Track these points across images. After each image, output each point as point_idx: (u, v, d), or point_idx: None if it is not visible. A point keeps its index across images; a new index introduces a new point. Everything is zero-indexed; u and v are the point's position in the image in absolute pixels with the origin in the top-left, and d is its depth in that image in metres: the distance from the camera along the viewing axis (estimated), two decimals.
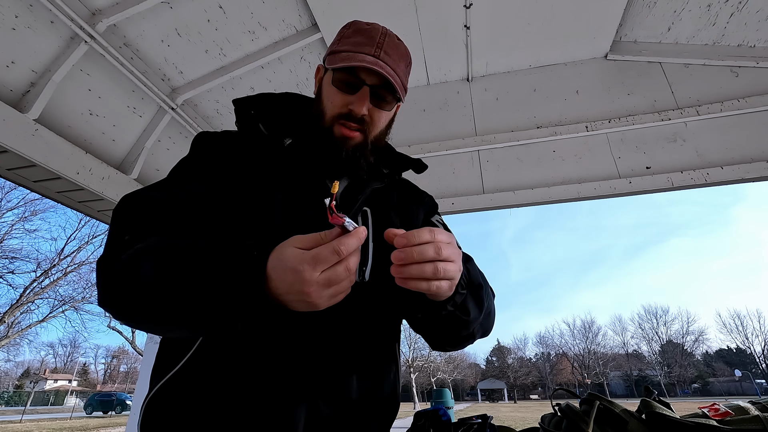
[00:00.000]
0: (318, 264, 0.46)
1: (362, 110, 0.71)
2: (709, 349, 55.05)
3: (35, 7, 1.62)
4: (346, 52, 0.71)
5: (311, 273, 0.46)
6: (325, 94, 0.75)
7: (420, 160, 0.89)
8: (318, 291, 0.47)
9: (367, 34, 0.74)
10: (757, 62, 2.15)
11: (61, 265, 22.20)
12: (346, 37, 0.76)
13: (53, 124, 1.81)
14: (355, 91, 0.71)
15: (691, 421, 0.78)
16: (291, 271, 0.47)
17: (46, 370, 53.77)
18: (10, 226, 21.56)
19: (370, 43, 0.72)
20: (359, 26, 0.77)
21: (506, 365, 59.65)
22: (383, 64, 0.70)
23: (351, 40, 0.74)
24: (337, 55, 0.72)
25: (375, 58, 0.70)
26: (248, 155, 0.74)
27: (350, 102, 0.71)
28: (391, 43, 0.74)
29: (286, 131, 0.78)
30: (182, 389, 0.62)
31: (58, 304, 22.22)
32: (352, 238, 0.48)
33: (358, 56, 0.69)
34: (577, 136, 2.33)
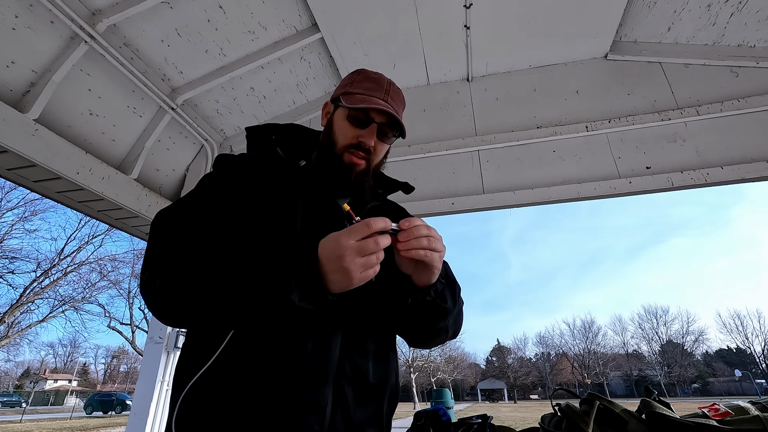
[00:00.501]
0: (353, 234, 0.61)
1: (371, 143, 0.86)
2: (709, 349, 55.05)
3: (35, 7, 1.62)
4: (361, 95, 0.87)
5: (347, 240, 0.60)
6: (338, 127, 0.89)
7: (407, 183, 1.05)
8: (351, 256, 0.60)
9: (377, 82, 0.90)
10: (757, 62, 2.15)
11: (61, 265, 22.19)
12: (358, 82, 0.91)
13: (53, 124, 1.81)
14: (365, 127, 0.86)
15: (691, 421, 0.78)
16: (333, 240, 0.62)
17: (46, 370, 53.75)
18: (10, 226, 21.54)
19: (380, 89, 0.89)
20: (368, 75, 0.93)
21: (506, 365, 59.64)
22: (390, 107, 0.86)
23: (363, 85, 0.89)
24: (353, 97, 0.87)
25: (385, 102, 0.86)
26: (267, 175, 0.87)
27: (361, 135, 0.86)
28: (395, 90, 0.92)
29: (300, 155, 0.93)
30: (217, 382, 0.68)
31: (58, 304, 22.21)
32: (379, 221, 0.63)
33: (372, 99, 0.86)
34: (577, 136, 2.33)
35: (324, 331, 0.73)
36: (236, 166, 0.88)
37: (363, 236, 0.61)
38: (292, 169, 0.90)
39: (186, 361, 0.74)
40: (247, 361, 0.68)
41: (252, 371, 0.68)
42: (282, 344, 0.70)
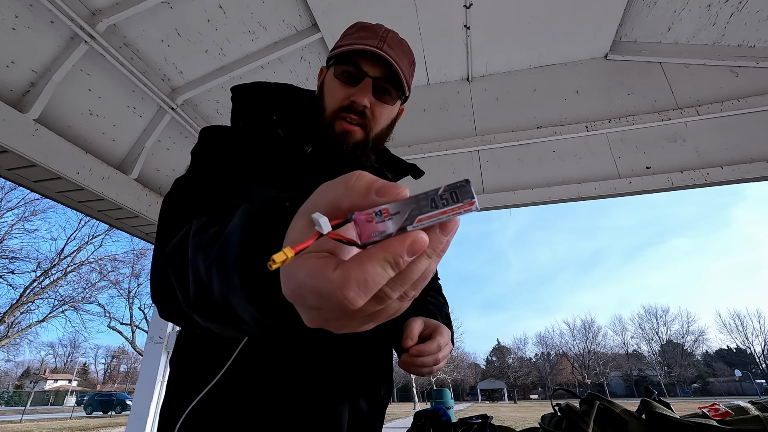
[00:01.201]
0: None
1: (364, 101, 0.69)
2: (709, 349, 55.06)
3: (35, 7, 1.62)
4: (350, 45, 0.71)
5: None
6: (327, 89, 0.74)
7: (416, 166, 0.89)
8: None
9: (371, 29, 0.73)
10: (757, 62, 2.15)
11: (61, 265, 22.21)
12: (349, 34, 0.75)
13: (53, 124, 1.81)
14: (357, 83, 0.70)
15: (691, 421, 0.78)
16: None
17: (46, 370, 53.75)
18: (10, 226, 21.55)
19: (374, 37, 0.71)
20: (362, 25, 0.76)
21: (506, 365, 59.64)
22: (385, 54, 0.70)
23: (354, 36, 0.73)
24: (339, 49, 0.72)
25: (378, 49, 0.69)
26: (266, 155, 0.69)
27: (352, 94, 0.70)
28: (395, 39, 0.74)
29: (305, 137, 0.75)
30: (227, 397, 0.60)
31: (58, 304, 22.24)
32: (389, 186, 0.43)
33: (361, 45, 0.69)
34: (577, 136, 2.33)
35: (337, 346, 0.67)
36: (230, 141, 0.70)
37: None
38: (296, 155, 0.73)
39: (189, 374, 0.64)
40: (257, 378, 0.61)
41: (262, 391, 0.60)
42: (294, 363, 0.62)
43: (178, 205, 0.57)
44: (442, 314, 0.83)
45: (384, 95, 0.72)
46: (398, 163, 0.87)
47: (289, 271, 0.25)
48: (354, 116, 0.70)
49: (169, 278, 0.45)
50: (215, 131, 0.72)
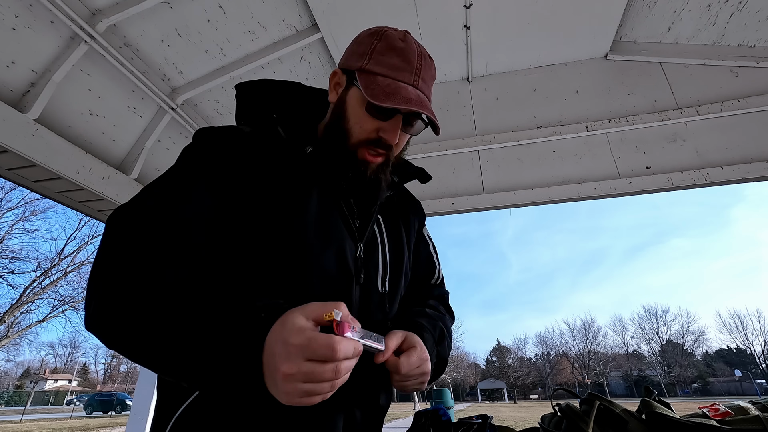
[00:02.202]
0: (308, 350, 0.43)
1: (395, 139, 0.68)
2: (709, 349, 55.07)
3: (35, 7, 1.62)
4: (385, 78, 0.65)
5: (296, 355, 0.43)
6: (353, 115, 0.69)
7: (424, 170, 0.90)
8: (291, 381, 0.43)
9: (404, 55, 0.67)
10: (757, 62, 2.15)
11: (61, 265, 22.20)
12: (379, 53, 0.68)
13: (53, 124, 1.81)
14: (387, 118, 0.67)
15: (691, 421, 0.78)
16: (281, 342, 0.44)
17: (46, 370, 53.75)
18: (10, 226, 21.55)
19: (409, 69, 0.67)
20: (393, 43, 0.68)
21: (506, 365, 59.64)
22: (424, 98, 0.67)
23: (386, 62, 0.67)
24: (374, 80, 0.65)
25: (415, 89, 0.66)
26: (266, 160, 0.68)
27: (381, 128, 0.67)
28: (427, 65, 0.70)
29: (305, 136, 0.74)
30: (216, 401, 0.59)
31: (58, 304, 22.22)
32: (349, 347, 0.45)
33: (400, 89, 0.64)
34: (577, 136, 2.33)
35: None
36: (227, 146, 0.68)
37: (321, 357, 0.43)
38: (296, 155, 0.71)
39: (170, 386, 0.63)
40: None
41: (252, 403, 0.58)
42: None
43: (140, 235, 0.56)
44: (436, 328, 0.78)
45: (410, 127, 0.71)
46: (407, 167, 0.87)
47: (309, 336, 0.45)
48: (380, 150, 0.69)
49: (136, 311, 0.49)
50: (209, 135, 0.70)
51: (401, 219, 0.87)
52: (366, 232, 0.74)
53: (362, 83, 0.66)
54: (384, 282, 0.74)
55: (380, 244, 0.76)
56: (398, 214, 0.87)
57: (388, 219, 0.82)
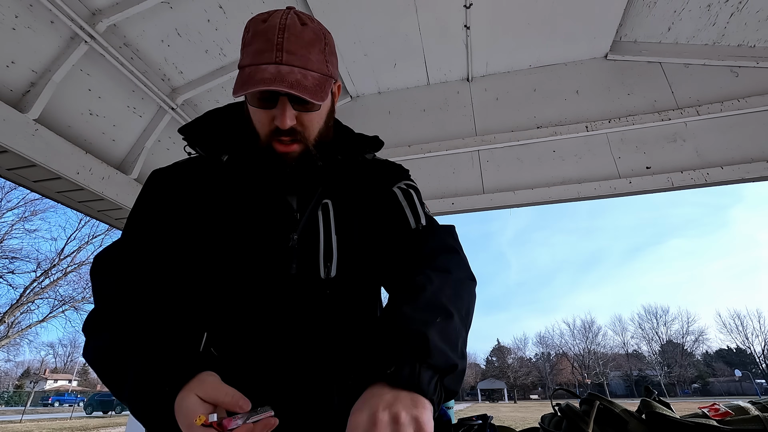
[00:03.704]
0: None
1: (287, 123, 0.65)
2: (709, 349, 55.05)
3: (35, 7, 1.62)
4: (248, 67, 0.64)
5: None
6: (252, 115, 0.70)
7: (377, 138, 0.85)
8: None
9: (264, 35, 0.65)
10: (757, 62, 2.15)
11: (61, 265, 22.19)
12: (247, 45, 0.68)
13: (53, 124, 1.81)
14: (274, 104, 0.66)
15: (691, 421, 0.78)
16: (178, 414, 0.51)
17: (46, 370, 53.75)
18: (10, 226, 21.55)
19: (269, 48, 0.63)
20: (256, 27, 0.67)
21: (506, 365, 59.63)
22: (287, 71, 0.62)
23: (251, 49, 0.66)
24: (241, 74, 0.65)
25: (276, 65, 0.62)
26: (194, 180, 0.76)
27: (274, 117, 0.66)
28: (293, 35, 0.65)
29: (222, 148, 0.76)
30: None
31: (58, 304, 22.21)
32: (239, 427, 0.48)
33: (256, 74, 0.62)
34: (577, 136, 2.33)
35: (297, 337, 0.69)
36: (164, 183, 0.78)
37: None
38: (214, 167, 0.76)
39: None
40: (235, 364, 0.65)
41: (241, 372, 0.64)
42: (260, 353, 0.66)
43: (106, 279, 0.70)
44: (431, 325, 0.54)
45: (306, 104, 0.67)
46: (359, 140, 0.84)
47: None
48: (285, 137, 0.68)
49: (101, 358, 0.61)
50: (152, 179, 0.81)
51: (365, 195, 0.80)
52: (301, 222, 0.72)
53: (238, 78, 0.65)
54: (328, 267, 0.70)
55: (322, 230, 0.72)
56: (361, 191, 0.81)
57: (343, 201, 0.77)
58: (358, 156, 0.82)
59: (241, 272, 0.68)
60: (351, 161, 0.81)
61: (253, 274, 0.68)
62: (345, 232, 0.73)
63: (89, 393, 37.45)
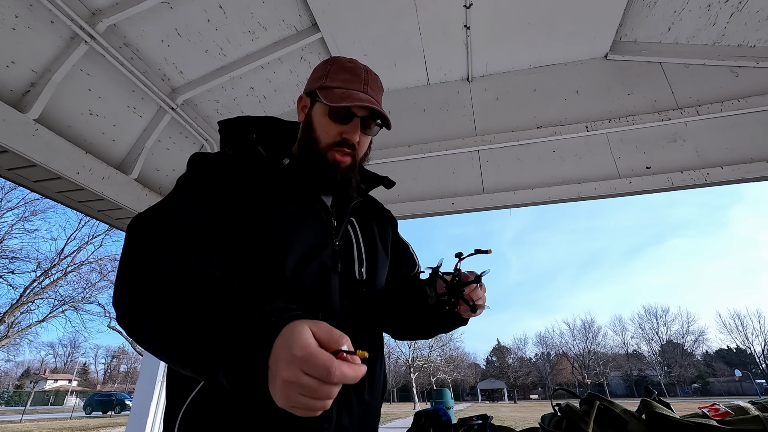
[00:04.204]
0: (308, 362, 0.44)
1: (356, 138, 0.84)
2: (709, 349, 55.03)
3: (35, 7, 1.62)
4: (340, 89, 0.83)
5: (297, 363, 0.44)
6: (318, 124, 0.85)
7: (387, 178, 1.04)
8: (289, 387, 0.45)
9: (353, 72, 0.86)
10: (757, 62, 2.15)
11: (61, 265, 22.18)
12: (333, 73, 0.86)
13: (53, 124, 1.81)
14: (347, 122, 0.84)
15: (691, 421, 0.78)
16: (286, 346, 0.46)
17: (46, 370, 53.74)
18: (10, 226, 21.53)
19: (358, 81, 0.85)
20: (343, 64, 0.88)
21: (506, 365, 59.61)
22: (373, 100, 0.83)
23: (339, 78, 0.85)
24: (331, 92, 0.82)
25: (365, 94, 0.83)
26: (250, 175, 0.82)
27: (344, 131, 0.83)
28: (373, 78, 0.88)
29: (281, 152, 0.90)
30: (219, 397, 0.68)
31: (58, 304, 22.21)
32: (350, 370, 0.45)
33: (353, 94, 0.81)
34: (577, 136, 2.33)
35: None
36: (215, 167, 0.82)
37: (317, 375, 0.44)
38: (275, 168, 0.86)
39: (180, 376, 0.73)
40: None
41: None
42: None
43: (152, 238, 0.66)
44: None
45: (368, 129, 0.87)
46: (372, 177, 1.03)
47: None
48: (346, 149, 0.84)
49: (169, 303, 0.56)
50: (203, 159, 0.84)
51: (374, 221, 1.00)
52: (341, 230, 0.88)
53: (322, 96, 0.83)
54: (361, 271, 0.87)
55: (354, 240, 0.90)
56: (370, 217, 1.00)
57: (361, 221, 0.96)
58: (373, 188, 1.03)
59: (296, 265, 0.76)
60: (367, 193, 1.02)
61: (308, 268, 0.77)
62: (368, 244, 0.92)
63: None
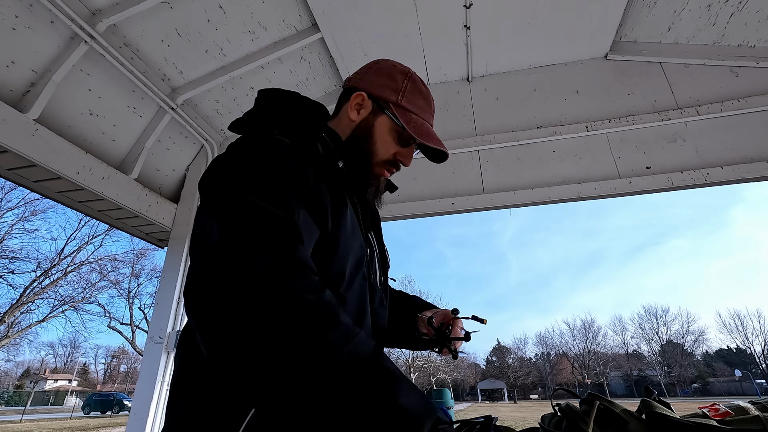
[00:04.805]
0: None
1: (409, 164, 0.85)
2: (709, 349, 55.02)
3: (35, 7, 1.62)
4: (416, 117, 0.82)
5: None
6: (380, 138, 0.82)
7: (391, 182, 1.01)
8: None
9: (427, 99, 0.85)
10: (757, 62, 2.15)
11: (61, 265, 22.18)
12: (410, 93, 0.83)
13: (53, 124, 1.81)
14: (406, 146, 0.84)
15: (691, 421, 0.78)
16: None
17: (46, 370, 53.74)
18: (10, 226, 21.53)
19: (430, 111, 0.85)
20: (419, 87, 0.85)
21: (506, 365, 59.60)
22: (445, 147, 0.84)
23: (417, 103, 0.83)
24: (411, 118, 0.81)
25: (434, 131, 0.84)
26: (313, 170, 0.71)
27: (400, 154, 0.83)
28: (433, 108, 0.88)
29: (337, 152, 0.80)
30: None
31: (58, 304, 22.21)
32: None
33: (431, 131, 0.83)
34: (577, 136, 2.33)
35: None
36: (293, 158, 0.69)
37: None
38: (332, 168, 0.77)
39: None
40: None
41: None
42: None
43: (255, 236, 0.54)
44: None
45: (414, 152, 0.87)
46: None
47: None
48: (395, 170, 0.86)
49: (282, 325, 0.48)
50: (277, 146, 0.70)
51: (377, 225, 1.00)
52: (369, 239, 0.86)
53: (403, 119, 0.80)
54: (380, 280, 0.86)
55: (375, 248, 0.88)
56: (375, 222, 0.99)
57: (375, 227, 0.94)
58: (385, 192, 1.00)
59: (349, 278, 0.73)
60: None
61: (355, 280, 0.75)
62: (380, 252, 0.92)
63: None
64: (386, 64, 0.87)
